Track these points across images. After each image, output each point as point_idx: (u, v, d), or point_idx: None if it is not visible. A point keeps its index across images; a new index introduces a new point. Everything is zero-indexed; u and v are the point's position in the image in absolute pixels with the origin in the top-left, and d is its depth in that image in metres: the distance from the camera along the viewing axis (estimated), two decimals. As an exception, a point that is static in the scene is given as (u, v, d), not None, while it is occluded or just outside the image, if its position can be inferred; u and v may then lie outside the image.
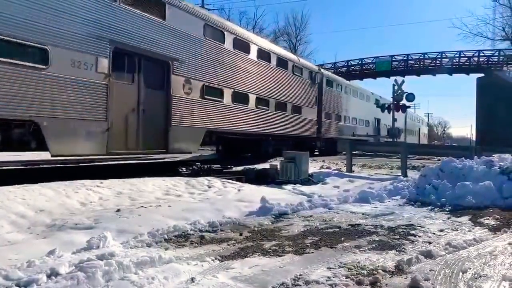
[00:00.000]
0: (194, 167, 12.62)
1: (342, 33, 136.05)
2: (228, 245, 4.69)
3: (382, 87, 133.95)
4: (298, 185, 10.27)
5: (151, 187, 8.35)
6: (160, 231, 5.02)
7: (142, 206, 6.61)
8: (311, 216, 6.52)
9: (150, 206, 6.67)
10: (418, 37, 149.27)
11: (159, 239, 4.83)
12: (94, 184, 7.60)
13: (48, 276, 3.41)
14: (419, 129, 55.79)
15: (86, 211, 6.21)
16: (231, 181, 10.00)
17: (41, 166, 12.12)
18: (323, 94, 23.14)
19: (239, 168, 12.61)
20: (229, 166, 13.17)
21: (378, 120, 34.21)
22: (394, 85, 26.47)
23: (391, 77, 39.75)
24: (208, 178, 10.10)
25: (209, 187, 9.11)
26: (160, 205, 6.76)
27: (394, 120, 27.51)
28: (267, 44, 18.28)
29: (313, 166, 13.70)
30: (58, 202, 6.41)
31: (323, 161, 16.41)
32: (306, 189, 9.67)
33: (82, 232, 4.97)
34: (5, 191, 6.30)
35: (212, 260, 4.01)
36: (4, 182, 7.01)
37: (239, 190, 8.95)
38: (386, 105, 28.22)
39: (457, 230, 5.59)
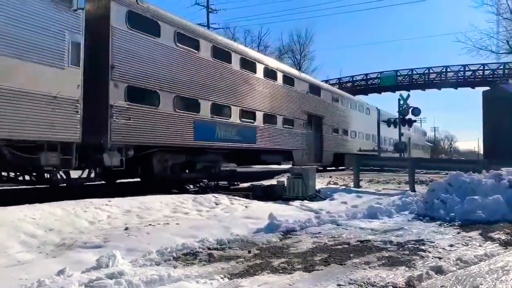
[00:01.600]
0: (201, 184, 12.64)
1: (346, 49, 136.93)
2: (237, 262, 4.68)
3: (387, 102, 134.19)
4: (306, 201, 10.23)
5: (159, 204, 8.36)
6: (168, 249, 5.02)
7: (150, 224, 6.63)
8: (319, 232, 6.50)
9: (158, 224, 6.69)
10: (423, 52, 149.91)
11: (168, 257, 4.83)
12: (103, 202, 7.62)
13: (59, 296, 3.42)
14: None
15: (95, 230, 6.22)
16: (238, 197, 9.98)
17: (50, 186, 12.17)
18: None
19: (246, 185, 12.60)
20: (236, 183, 13.18)
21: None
22: (399, 100, 26.48)
23: (396, 92, 39.91)
24: (215, 195, 10.10)
25: (217, 204, 9.10)
26: (168, 223, 6.76)
27: (401, 134, 27.43)
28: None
29: (320, 182, 13.66)
30: (67, 221, 6.44)
31: (330, 176, 16.36)
32: (313, 205, 9.63)
33: (91, 251, 4.98)
34: (15, 211, 6.34)
35: (221, 278, 4.00)
36: (15, 202, 7.06)
37: (246, 206, 8.93)
38: (392, 120, 28.19)
39: (468, 245, 5.54)
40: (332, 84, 36.47)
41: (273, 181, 12.74)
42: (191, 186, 13.01)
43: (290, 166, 15.54)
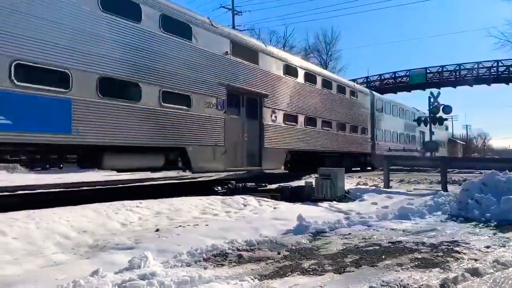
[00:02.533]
0: (229, 185, 12.69)
1: (374, 47, 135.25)
2: (267, 264, 4.67)
3: (416, 100, 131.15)
4: (335, 202, 10.12)
5: (188, 206, 8.45)
6: (198, 250, 5.06)
7: (180, 226, 6.71)
8: (349, 234, 6.41)
9: (188, 225, 6.76)
10: (453, 48, 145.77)
11: (198, 258, 4.87)
12: (134, 204, 7.77)
13: (93, 296, 3.50)
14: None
15: (126, 232, 6.35)
16: (266, 199, 9.98)
17: (81, 188, 12.52)
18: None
19: (274, 186, 12.57)
20: (263, 184, 13.16)
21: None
22: (429, 98, 25.91)
23: (426, 90, 39.00)
24: (244, 196, 10.12)
25: (245, 205, 9.13)
26: (197, 224, 6.83)
27: (432, 133, 26.82)
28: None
29: (349, 183, 13.50)
30: (100, 223, 6.59)
31: (360, 177, 16.14)
32: (343, 206, 9.52)
33: (123, 252, 5.08)
34: (50, 213, 6.54)
35: (251, 279, 4.00)
36: (50, 204, 7.29)
37: (274, 208, 8.92)
38: (423, 118, 27.59)
39: (505, 246, 5.35)
40: (360, 83, 35.93)
41: (301, 182, 12.66)
42: (219, 188, 13.07)
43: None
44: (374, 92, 26.78)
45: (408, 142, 31.27)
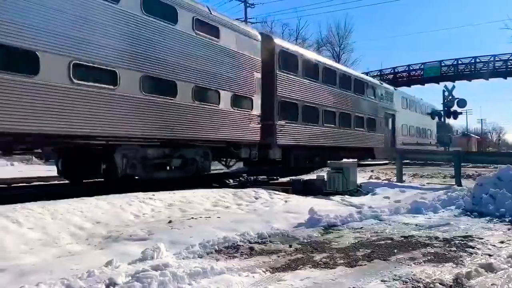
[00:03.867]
0: (241, 178, 12.75)
1: (387, 40, 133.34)
2: (278, 256, 4.68)
3: (430, 93, 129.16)
4: (347, 196, 10.09)
5: (200, 198, 8.50)
6: (210, 242, 5.10)
7: (192, 218, 6.75)
8: (361, 227, 6.39)
9: (200, 217, 6.80)
10: (468, 41, 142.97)
11: (210, 250, 4.90)
12: (147, 196, 7.83)
13: (107, 286, 3.56)
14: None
15: (140, 223, 6.41)
16: (278, 192, 9.98)
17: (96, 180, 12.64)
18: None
19: (285, 179, 12.57)
20: (275, 177, 13.18)
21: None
22: (444, 91, 25.58)
23: (440, 83, 38.44)
24: (255, 189, 10.13)
25: (256, 198, 9.14)
26: (209, 217, 6.87)
27: (445, 125, 26.51)
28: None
29: (362, 177, 13.42)
30: (113, 214, 6.66)
31: (372, 171, 16.03)
32: (355, 200, 9.49)
33: (137, 243, 5.14)
34: (65, 204, 6.63)
35: (263, 271, 4.02)
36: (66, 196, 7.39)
37: (286, 201, 8.92)
38: (436, 112, 27.28)
39: (520, 242, 5.28)
40: (373, 76, 35.58)
41: (313, 176, 12.64)
42: (231, 181, 13.15)
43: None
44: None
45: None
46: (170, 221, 6.45)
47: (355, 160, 12.40)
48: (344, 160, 12.06)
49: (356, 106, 21.24)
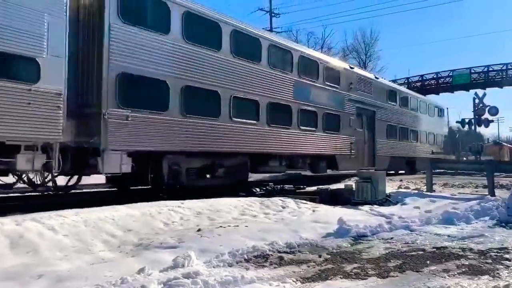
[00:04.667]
0: (267, 187, 12.73)
1: (415, 47, 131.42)
2: (308, 266, 4.66)
3: (459, 101, 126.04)
4: (375, 206, 9.93)
5: (228, 207, 8.54)
6: (240, 251, 5.12)
7: (221, 226, 6.80)
8: (392, 238, 6.29)
9: (229, 226, 6.84)
10: (499, 47, 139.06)
11: (239, 259, 4.93)
12: (176, 204, 7.93)
13: (140, 293, 3.62)
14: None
15: (169, 231, 6.50)
16: (305, 201, 9.92)
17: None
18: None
19: (312, 188, 12.49)
20: (302, 186, 13.11)
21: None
22: (474, 99, 25.00)
23: (470, 91, 37.55)
24: (282, 198, 10.11)
25: (283, 207, 9.11)
26: (237, 225, 6.90)
27: (476, 134, 25.81)
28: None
29: (390, 186, 13.22)
30: (144, 222, 6.77)
31: (401, 180, 15.78)
32: (384, 210, 9.34)
33: (167, 251, 5.20)
34: (97, 212, 6.79)
35: (293, 281, 4.01)
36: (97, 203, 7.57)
37: (313, 210, 8.87)
38: (467, 120, 26.66)
39: (559, 255, 5.08)
40: (401, 84, 34.98)
41: (340, 185, 12.52)
42: (258, 189, 13.13)
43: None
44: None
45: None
46: (199, 229, 6.51)
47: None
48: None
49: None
